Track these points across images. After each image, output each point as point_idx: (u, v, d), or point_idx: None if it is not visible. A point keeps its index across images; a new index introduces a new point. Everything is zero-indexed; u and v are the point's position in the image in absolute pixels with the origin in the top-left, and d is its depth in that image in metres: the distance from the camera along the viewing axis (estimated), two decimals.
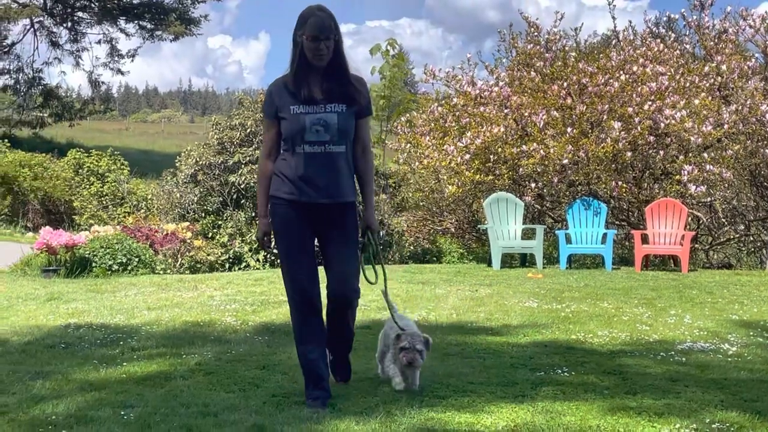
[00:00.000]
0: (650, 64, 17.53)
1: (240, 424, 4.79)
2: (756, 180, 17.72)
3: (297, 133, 5.02)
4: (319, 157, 5.04)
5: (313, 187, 5.05)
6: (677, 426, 4.85)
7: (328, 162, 5.07)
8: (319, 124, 5.00)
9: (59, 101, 36.51)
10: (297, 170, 5.05)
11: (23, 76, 35.74)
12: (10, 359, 6.71)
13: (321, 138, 5.02)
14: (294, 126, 5.02)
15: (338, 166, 5.11)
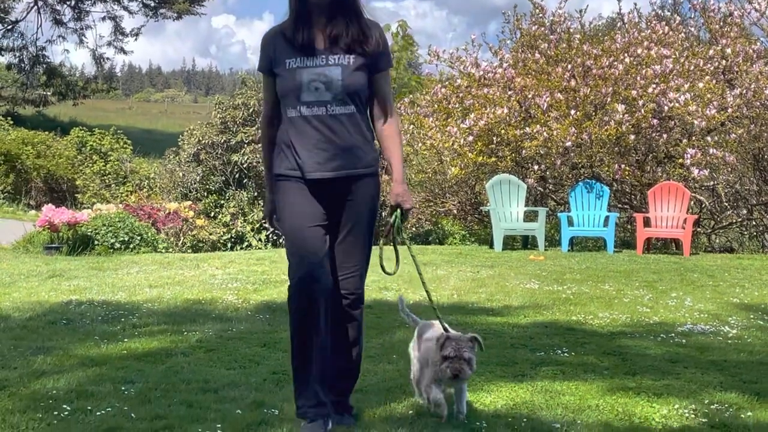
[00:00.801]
0: (655, 46, 17.48)
1: (240, 401, 4.81)
2: (759, 164, 17.69)
3: (291, 93, 4.04)
4: (319, 120, 4.02)
5: (315, 159, 4.02)
6: (676, 406, 4.87)
7: (331, 127, 4.01)
8: (319, 81, 3.99)
9: (63, 80, 36.48)
10: (293, 138, 4.07)
11: (27, 54, 35.67)
12: (11, 335, 6.73)
13: (321, 97, 4.00)
14: (288, 84, 4.05)
15: (345, 132, 4.05)
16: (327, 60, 4.00)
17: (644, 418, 4.65)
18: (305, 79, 3.99)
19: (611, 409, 4.79)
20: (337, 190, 4.11)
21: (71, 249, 13.91)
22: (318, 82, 3.98)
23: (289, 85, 4.04)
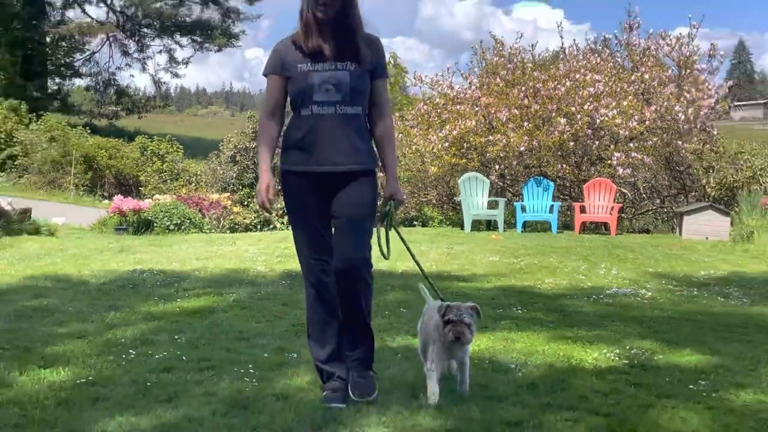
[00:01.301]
0: (589, 73, 17.50)
1: (267, 347, 4.83)
2: (669, 164, 17.77)
3: (305, 93, 3.65)
4: (329, 118, 3.64)
5: (324, 153, 3.65)
6: (604, 351, 4.89)
7: (340, 124, 3.65)
8: (330, 83, 3.64)
9: (129, 98, 36.49)
10: (305, 134, 3.67)
11: (101, 78, 35.68)
12: (89, 296, 6.74)
13: (331, 98, 3.64)
14: (301, 85, 3.66)
15: (352, 130, 3.70)
16: (335, 65, 3.65)
17: (579, 360, 4.67)
18: (317, 81, 3.63)
19: (554, 353, 4.82)
20: (343, 182, 3.71)
21: (135, 230, 13.92)
22: (329, 83, 3.63)
23: (302, 86, 3.65)
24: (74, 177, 22.06)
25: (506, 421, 3.52)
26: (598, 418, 3.62)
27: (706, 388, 4.15)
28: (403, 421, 3.52)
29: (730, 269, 9.62)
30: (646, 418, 3.66)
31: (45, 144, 22.44)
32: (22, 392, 3.89)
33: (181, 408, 3.66)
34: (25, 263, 8.90)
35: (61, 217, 14.83)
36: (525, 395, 3.94)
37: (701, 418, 3.67)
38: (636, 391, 4.06)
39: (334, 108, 3.63)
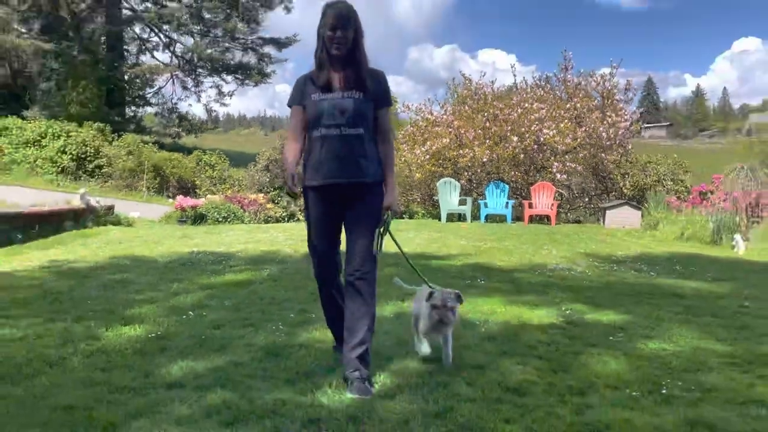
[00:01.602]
0: (535, 102, 17.54)
1: (293, 309, 4.84)
2: (595, 172, 17.83)
3: (316, 118, 3.39)
4: (334, 138, 3.34)
5: (330, 168, 3.34)
6: (546, 312, 4.91)
7: (343, 143, 3.34)
8: (336, 109, 3.36)
9: (188, 122, 36.44)
10: (316, 153, 3.39)
11: (166, 107, 35.66)
12: (158, 271, 6.74)
13: (336, 121, 3.35)
14: (313, 111, 3.40)
15: (355, 148, 3.36)
16: (342, 95, 3.36)
17: (528, 319, 4.68)
18: (326, 108, 3.35)
19: (509, 314, 4.83)
20: (348, 194, 3.35)
21: (193, 221, 13.90)
22: (335, 109, 3.34)
23: (314, 112, 3.37)
24: (146, 182, 22.03)
25: (473, 364, 3.54)
26: (542, 361, 3.64)
27: (622, 339, 4.18)
28: (395, 364, 3.53)
29: (641, 250, 9.65)
30: (578, 361, 3.67)
31: (124, 157, 22.41)
32: (107, 344, 3.90)
33: (228, 355, 3.67)
34: (109, 247, 8.89)
35: (136, 212, 14.80)
36: (487, 345, 3.96)
37: (618, 361, 3.69)
38: (570, 342, 4.08)
39: (339, 129, 3.33)
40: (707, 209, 13.08)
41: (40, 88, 29.57)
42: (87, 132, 23.31)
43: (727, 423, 2.81)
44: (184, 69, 34.39)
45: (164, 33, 33.64)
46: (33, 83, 29.20)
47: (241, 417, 2.76)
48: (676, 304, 5.38)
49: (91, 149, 22.97)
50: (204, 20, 32.87)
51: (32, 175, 21.51)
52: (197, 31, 33.39)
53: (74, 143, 22.66)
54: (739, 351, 3.98)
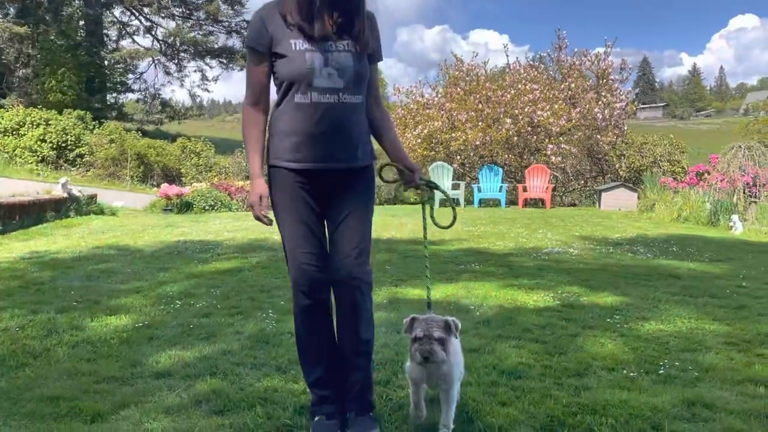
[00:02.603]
0: (529, 83, 17.56)
1: (283, 297, 4.83)
2: (591, 153, 17.89)
3: (302, 77, 2.36)
4: (331, 109, 2.39)
5: (324, 149, 2.41)
6: (542, 295, 4.93)
7: (342, 116, 2.41)
8: (332, 66, 2.37)
9: (171, 108, 36.25)
10: (303, 127, 2.40)
11: (149, 93, 35.43)
12: (144, 261, 6.71)
13: (334, 84, 2.38)
14: (298, 67, 2.36)
15: (355, 122, 2.46)
16: (336, 46, 2.40)
17: (523, 302, 4.71)
18: (317, 64, 2.37)
19: (503, 297, 4.86)
20: (342, 181, 2.49)
21: (179, 210, 13.85)
22: (331, 68, 2.37)
23: (299, 69, 2.37)
24: (129, 170, 21.91)
25: (468, 348, 3.55)
26: (537, 344, 3.66)
27: (619, 320, 4.21)
28: (389, 348, 3.54)
29: (637, 232, 9.69)
30: (574, 343, 3.70)
31: (106, 145, 22.29)
32: (92, 334, 3.89)
33: (217, 343, 3.68)
34: (93, 236, 8.85)
35: (120, 201, 14.72)
36: (482, 328, 3.98)
37: (615, 343, 3.72)
38: (566, 324, 4.11)
39: (337, 96, 2.40)
40: (704, 190, 13.15)
41: (16, 75, 29.29)
42: (67, 120, 23.13)
43: (725, 402, 2.84)
44: (166, 53, 34.14)
45: (145, 16, 33.33)
46: (9, 70, 28.89)
47: (232, 405, 2.76)
48: (672, 285, 5.42)
49: (71, 137, 22.82)
50: (186, 2, 32.62)
51: (11, 164, 21.36)
52: (179, 14, 33.12)
53: (54, 131, 22.51)
54: (737, 331, 4.02)
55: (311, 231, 2.53)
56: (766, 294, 5.22)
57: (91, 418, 2.65)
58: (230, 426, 2.55)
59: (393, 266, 6.06)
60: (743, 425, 2.59)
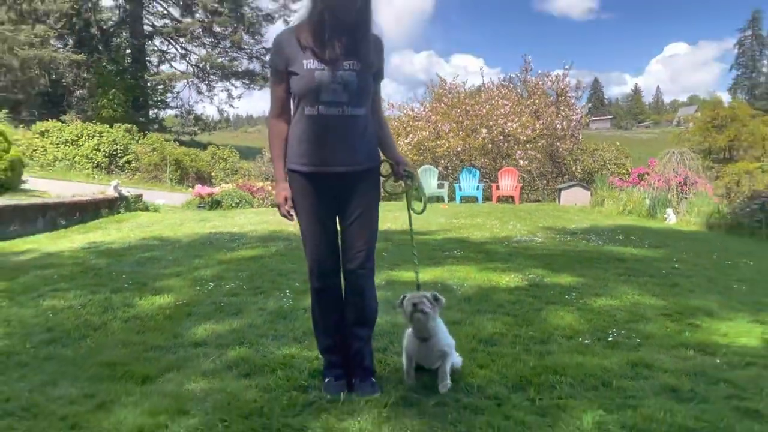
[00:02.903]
0: (501, 100, 17.53)
1: (298, 279, 4.81)
2: (552, 158, 17.84)
3: (311, 92, 2.35)
4: (335, 119, 2.37)
5: (330, 154, 2.40)
6: (512, 276, 4.93)
7: (346, 125, 2.39)
8: (336, 83, 2.35)
9: (203, 122, 36.10)
10: (311, 135, 2.39)
11: (184, 109, 35.29)
12: (181, 250, 6.68)
13: (338, 98, 2.36)
14: (307, 83, 2.34)
15: (358, 130, 2.43)
16: (343, 65, 2.36)
17: (497, 282, 4.71)
18: (324, 80, 2.34)
19: (481, 278, 4.85)
20: (348, 182, 2.46)
21: (210, 207, 13.79)
22: (336, 84, 2.35)
23: (308, 85, 2.35)
24: (169, 173, 21.83)
25: (451, 321, 3.56)
26: (509, 317, 3.68)
27: (575, 297, 4.22)
28: (380, 321, 3.55)
29: (590, 223, 9.71)
30: (539, 316, 3.72)
31: (149, 153, 22.22)
32: (141, 310, 3.89)
33: (243, 318, 3.68)
34: (139, 230, 8.82)
35: (161, 200, 14.66)
36: (463, 305, 3.99)
37: (573, 316, 3.73)
38: (532, 300, 4.12)
39: (341, 108, 2.38)
40: (645, 188, 13.19)
41: (75, 96, 29.20)
42: (117, 132, 23.04)
43: (662, 363, 2.86)
44: (198, 76, 34.01)
45: (180, 45, 33.19)
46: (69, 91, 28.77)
47: (257, 369, 2.77)
48: (619, 267, 5.44)
49: (120, 147, 22.75)
50: (214, 33, 32.49)
51: (72, 170, 21.30)
52: (209, 43, 33.03)
53: (106, 142, 22.44)
54: (671, 304, 4.05)
55: (324, 227, 2.52)
56: (694, 273, 5.25)
57: (141, 380, 2.66)
58: (256, 386, 2.56)
59: (389, 253, 6.06)
60: (676, 381, 2.62)
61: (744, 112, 34.82)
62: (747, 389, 2.55)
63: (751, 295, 4.48)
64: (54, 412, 2.33)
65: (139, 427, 2.16)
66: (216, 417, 2.24)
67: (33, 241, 7.55)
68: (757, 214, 9.39)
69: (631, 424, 2.18)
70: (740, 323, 3.62)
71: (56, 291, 4.45)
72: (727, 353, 3.03)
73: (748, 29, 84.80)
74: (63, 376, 2.73)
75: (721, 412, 2.29)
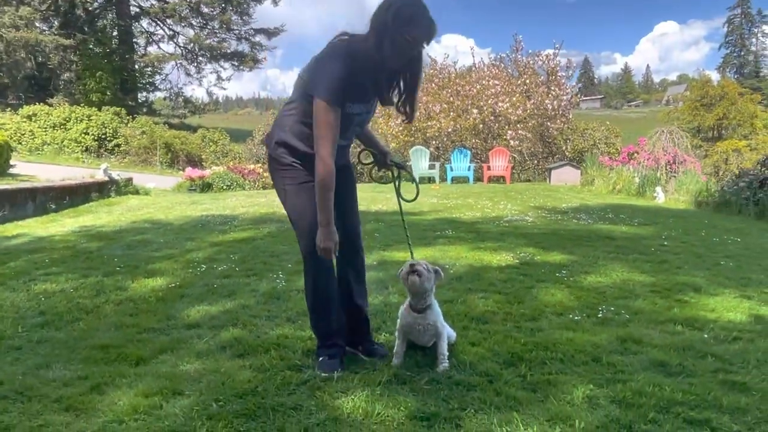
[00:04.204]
0: (491, 80, 17.44)
1: (290, 260, 4.81)
2: (542, 138, 17.86)
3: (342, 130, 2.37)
4: (343, 149, 2.52)
5: None
6: (504, 255, 4.95)
7: (346, 151, 2.60)
8: (358, 125, 2.50)
9: (192, 104, 35.69)
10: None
11: (173, 91, 34.86)
12: (173, 233, 6.65)
13: (353, 135, 2.55)
14: (345, 123, 2.36)
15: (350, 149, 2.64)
16: (368, 106, 2.47)
17: (488, 262, 4.73)
18: (355, 122, 2.44)
19: (473, 257, 4.87)
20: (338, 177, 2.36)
21: (201, 189, 13.72)
22: (357, 126, 2.51)
23: (345, 124, 2.35)
24: (159, 157, 21.63)
25: (444, 299, 3.57)
26: (500, 295, 3.70)
27: (566, 275, 4.25)
28: (374, 301, 3.56)
29: (580, 202, 9.75)
30: (530, 294, 3.74)
31: (138, 136, 22.00)
32: (134, 293, 3.87)
33: (236, 299, 3.67)
34: (130, 213, 8.76)
35: (152, 183, 14.55)
36: (455, 283, 4.00)
37: (563, 293, 3.76)
38: (523, 278, 4.15)
39: (349, 141, 2.57)
40: (634, 167, 13.23)
41: (62, 79, 28.76)
42: (105, 115, 22.76)
43: (650, 338, 2.89)
44: (187, 57, 33.54)
45: (168, 26, 32.63)
46: (55, 74, 28.32)
47: (251, 349, 2.77)
48: (608, 245, 5.48)
49: (110, 130, 22.49)
50: (202, 14, 31.99)
51: (60, 154, 21.05)
52: (197, 24, 32.50)
53: (95, 125, 22.17)
54: (660, 281, 4.09)
55: None
56: (683, 251, 5.30)
57: (135, 362, 2.66)
58: (250, 366, 2.57)
59: (381, 234, 6.06)
60: (665, 356, 2.65)
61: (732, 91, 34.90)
62: (734, 363, 2.59)
63: (738, 271, 4.53)
64: (47, 394, 2.32)
65: (133, 408, 2.16)
66: (210, 397, 2.24)
67: (23, 225, 7.48)
68: (745, 192, 9.46)
69: (621, 398, 2.21)
70: (727, 298, 3.67)
71: (48, 275, 4.42)
72: (714, 328, 3.06)
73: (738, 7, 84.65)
74: (56, 359, 2.72)
75: (708, 386, 2.32)
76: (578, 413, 2.08)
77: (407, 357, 2.60)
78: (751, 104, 34.44)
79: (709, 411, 2.11)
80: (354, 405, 2.16)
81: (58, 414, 2.16)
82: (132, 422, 2.07)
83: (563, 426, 2.00)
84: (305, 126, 2.43)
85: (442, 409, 2.13)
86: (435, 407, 2.14)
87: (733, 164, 22.43)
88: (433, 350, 2.57)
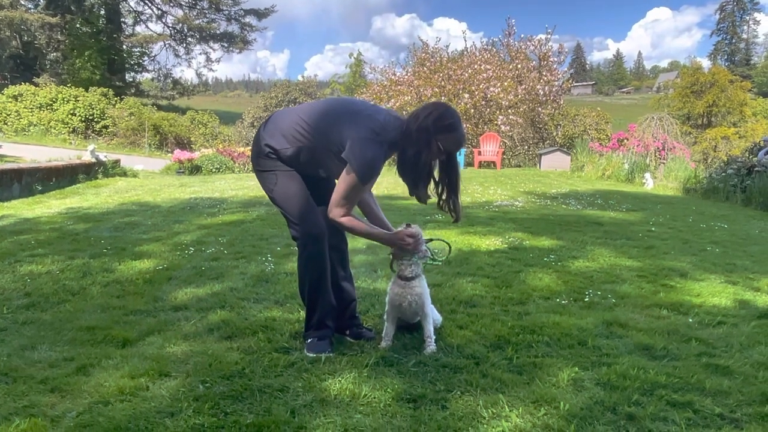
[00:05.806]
0: (483, 64, 17.37)
1: (279, 243, 4.81)
2: (533, 123, 17.87)
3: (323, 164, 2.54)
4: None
5: None
6: (493, 239, 4.97)
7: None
8: None
9: (181, 86, 35.27)
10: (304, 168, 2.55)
11: (161, 72, 34.40)
12: (161, 215, 6.61)
13: None
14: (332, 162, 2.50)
15: None
16: None
17: (478, 246, 4.75)
18: None
19: (462, 242, 4.88)
20: None
21: (190, 172, 13.64)
22: None
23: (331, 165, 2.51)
24: (147, 138, 21.42)
25: (433, 283, 3.58)
26: (489, 279, 3.71)
27: (554, 259, 4.27)
28: (363, 284, 3.56)
29: (570, 188, 9.79)
30: (518, 278, 3.76)
31: (126, 117, 21.75)
32: (121, 275, 3.85)
33: (225, 282, 3.66)
34: (118, 195, 8.68)
35: (140, 165, 14.42)
36: (444, 268, 4.00)
37: (551, 277, 3.78)
38: (512, 263, 4.16)
39: None
40: (624, 153, 13.29)
41: (48, 58, 28.28)
42: (93, 96, 22.47)
43: (636, 322, 2.92)
44: (176, 38, 33.10)
45: (156, 6, 32.14)
46: (42, 54, 27.83)
47: (238, 332, 2.77)
48: (597, 231, 5.51)
49: (97, 111, 22.22)
50: None
51: (47, 135, 20.77)
52: (186, 3, 32.03)
53: (82, 106, 21.89)
54: (646, 266, 4.12)
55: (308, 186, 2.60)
56: (670, 236, 5.34)
57: (122, 343, 2.64)
58: (237, 348, 2.56)
59: None
60: (650, 339, 2.68)
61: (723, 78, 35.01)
62: (717, 347, 2.62)
63: (724, 257, 4.58)
64: (33, 375, 2.31)
65: (119, 389, 2.15)
66: (197, 378, 2.24)
67: (9, 206, 7.39)
68: (733, 179, 9.54)
69: (606, 380, 2.23)
70: (713, 284, 3.71)
71: (34, 256, 4.37)
72: (699, 312, 3.10)
73: None
74: (42, 340, 2.70)
75: (692, 369, 2.35)
76: (563, 395, 2.10)
77: (395, 339, 2.61)
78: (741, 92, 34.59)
79: (692, 394, 2.14)
80: (341, 387, 2.17)
81: (44, 395, 2.15)
82: (118, 403, 2.06)
83: (548, 408, 2.02)
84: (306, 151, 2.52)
85: (428, 390, 2.14)
86: (422, 389, 2.15)
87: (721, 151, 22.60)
88: (421, 333, 2.58)
